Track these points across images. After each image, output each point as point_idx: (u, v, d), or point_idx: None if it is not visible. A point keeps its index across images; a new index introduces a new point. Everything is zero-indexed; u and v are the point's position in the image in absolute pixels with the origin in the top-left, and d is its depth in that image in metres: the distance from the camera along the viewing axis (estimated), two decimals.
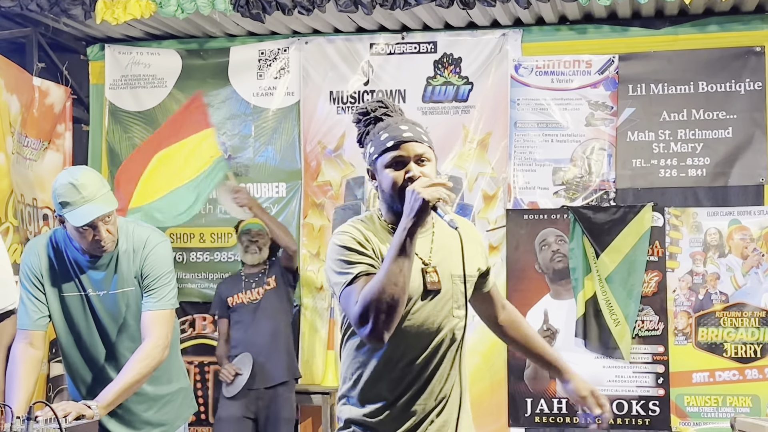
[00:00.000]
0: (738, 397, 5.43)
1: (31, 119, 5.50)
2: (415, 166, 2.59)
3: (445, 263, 2.70)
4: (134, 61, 6.15)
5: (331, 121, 5.95)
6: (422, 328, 2.66)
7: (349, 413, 2.76)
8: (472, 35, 5.83)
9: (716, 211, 5.54)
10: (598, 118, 5.69)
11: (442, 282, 2.66)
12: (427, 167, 2.61)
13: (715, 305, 5.49)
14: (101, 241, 3.40)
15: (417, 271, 2.62)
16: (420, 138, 2.62)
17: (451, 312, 2.69)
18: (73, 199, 3.33)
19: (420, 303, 2.65)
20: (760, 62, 5.54)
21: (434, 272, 2.65)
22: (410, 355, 2.66)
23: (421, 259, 2.65)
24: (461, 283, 2.71)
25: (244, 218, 5.57)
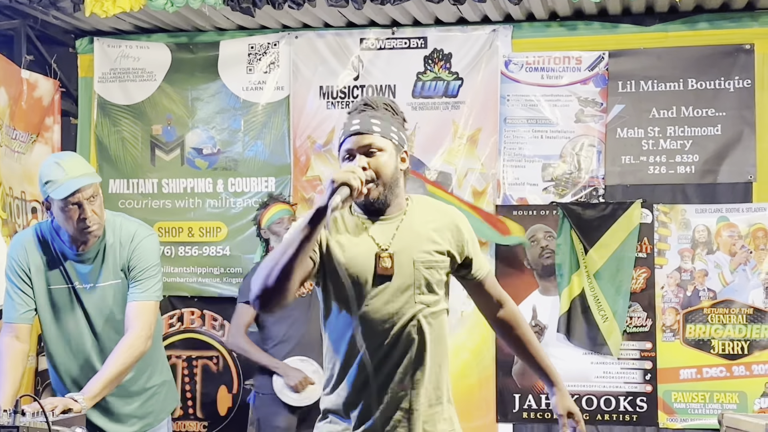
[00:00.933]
0: (725, 394, 5.45)
1: (19, 112, 5.48)
2: (360, 157, 2.67)
3: (408, 249, 2.73)
4: (123, 55, 6.13)
5: (321, 116, 5.95)
6: (381, 313, 2.70)
7: (326, 403, 2.81)
8: (462, 31, 5.83)
9: (705, 208, 5.55)
10: (588, 114, 5.70)
11: (400, 268, 2.70)
12: (379, 157, 2.69)
13: (702, 302, 5.51)
14: (87, 220, 3.40)
15: (371, 256, 2.70)
16: (369, 129, 2.70)
17: (413, 298, 2.71)
18: (57, 177, 3.36)
19: (375, 288, 2.70)
20: (749, 60, 5.55)
21: (388, 258, 2.70)
22: (373, 342, 2.70)
23: (377, 244, 2.71)
24: (425, 269, 2.72)
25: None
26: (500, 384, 5.64)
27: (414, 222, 2.78)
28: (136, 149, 6.14)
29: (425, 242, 2.77)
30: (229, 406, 6.00)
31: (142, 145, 6.14)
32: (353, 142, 2.71)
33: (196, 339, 6.06)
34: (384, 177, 2.70)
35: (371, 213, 2.78)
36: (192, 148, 6.10)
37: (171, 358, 5.96)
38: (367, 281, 2.70)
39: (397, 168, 2.76)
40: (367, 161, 2.67)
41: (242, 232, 5.99)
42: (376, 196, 2.70)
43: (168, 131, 6.14)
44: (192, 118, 6.11)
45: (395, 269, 2.70)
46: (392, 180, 2.73)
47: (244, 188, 6.02)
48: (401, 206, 2.81)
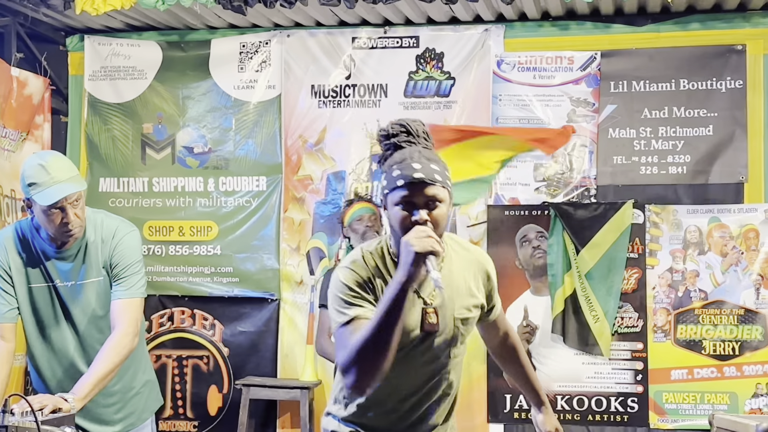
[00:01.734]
0: (716, 395, 5.46)
1: (9, 110, 5.46)
2: (422, 212, 2.47)
3: (449, 304, 2.63)
4: (114, 53, 6.12)
5: (313, 115, 5.94)
6: (419, 367, 2.63)
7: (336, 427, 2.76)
8: (454, 30, 5.83)
9: (696, 209, 5.56)
10: (580, 114, 5.70)
11: (442, 323, 2.61)
12: (438, 209, 2.49)
13: (694, 303, 5.52)
14: (69, 224, 3.38)
15: (418, 310, 2.57)
16: (432, 178, 2.48)
17: (449, 353, 2.68)
18: (42, 180, 3.33)
19: (420, 343, 2.60)
20: (741, 60, 5.56)
21: (433, 313, 2.58)
22: (404, 392, 2.65)
23: (422, 299, 2.59)
24: (462, 326, 2.68)
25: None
26: (491, 385, 5.64)
27: (452, 272, 2.66)
28: (127, 148, 6.13)
29: (465, 297, 2.69)
30: (219, 406, 5.98)
31: (133, 144, 6.13)
32: (415, 191, 2.48)
33: (186, 338, 6.04)
34: (440, 229, 2.51)
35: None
36: (183, 146, 6.09)
37: (161, 357, 5.95)
38: (413, 337, 2.58)
39: (448, 217, 2.68)
40: (428, 216, 2.47)
41: (233, 232, 5.98)
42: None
43: (159, 130, 6.12)
44: (183, 116, 6.09)
45: (440, 326, 2.60)
46: (444, 229, 2.56)
47: (235, 187, 6.00)
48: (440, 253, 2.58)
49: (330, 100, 5.93)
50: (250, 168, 6.00)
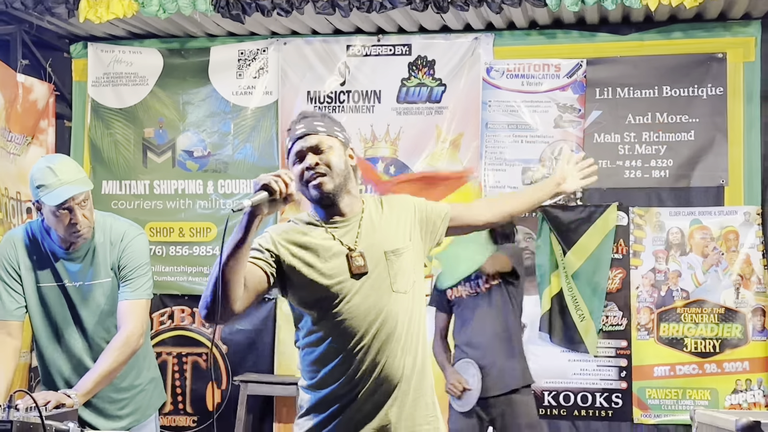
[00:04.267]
0: (697, 391, 5.48)
1: (14, 115, 5.47)
2: (310, 156, 2.70)
3: (376, 245, 2.73)
4: (116, 59, 6.12)
5: None
6: (361, 309, 2.67)
7: (308, 401, 2.78)
8: (445, 38, 5.84)
9: (678, 211, 5.58)
10: (566, 120, 5.72)
11: (371, 263, 2.69)
12: (326, 153, 2.71)
13: (676, 302, 5.53)
14: (77, 225, 3.39)
15: (343, 258, 2.68)
16: (314, 130, 2.74)
17: (390, 287, 2.71)
18: (50, 182, 3.34)
19: (353, 287, 2.67)
20: (721, 68, 5.58)
21: (359, 256, 2.69)
22: (355, 338, 2.67)
23: (346, 246, 2.70)
24: (395, 258, 2.73)
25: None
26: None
27: (372, 218, 2.79)
28: (129, 151, 6.13)
29: (393, 235, 2.77)
30: (218, 402, 5.98)
31: (135, 148, 6.13)
32: (301, 144, 2.73)
33: (186, 336, 6.05)
34: (336, 170, 2.70)
35: (329, 212, 2.77)
36: (183, 150, 6.10)
37: (162, 354, 5.95)
38: (343, 282, 2.67)
39: (347, 164, 2.77)
40: (317, 158, 2.69)
41: (232, 233, 5.96)
42: (331, 188, 2.69)
43: (160, 134, 6.13)
44: (183, 121, 6.10)
45: (369, 266, 2.69)
46: (344, 173, 2.74)
47: (234, 190, 6.01)
48: (358, 204, 2.80)
49: (325, 105, 5.93)
50: (248, 171, 6.01)
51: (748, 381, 5.43)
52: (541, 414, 5.53)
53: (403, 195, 3.00)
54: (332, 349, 2.70)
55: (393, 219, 2.82)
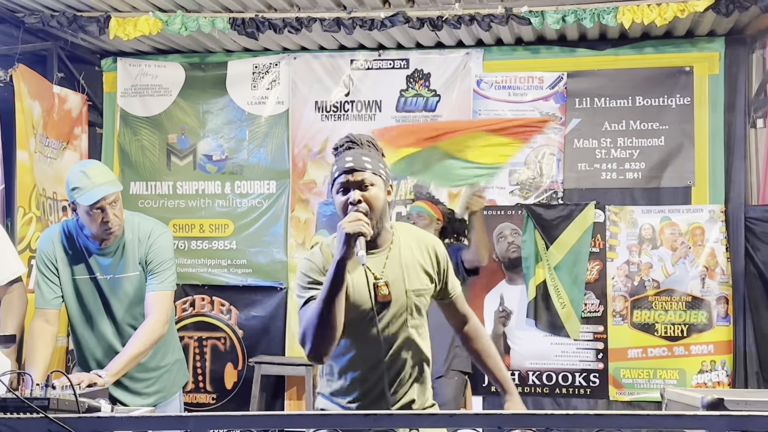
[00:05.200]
0: (667, 371, 5.48)
1: (51, 122, 5.47)
2: (355, 192, 2.59)
3: (399, 279, 2.68)
4: (143, 73, 6.12)
5: (316, 128, 5.95)
6: (381, 336, 2.65)
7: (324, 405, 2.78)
8: (440, 53, 5.84)
9: (650, 209, 5.58)
10: (549, 127, 5.71)
11: (394, 295, 2.65)
12: (370, 191, 2.61)
13: (648, 291, 5.54)
14: (109, 222, 3.40)
15: (370, 286, 2.63)
16: (362, 167, 2.62)
17: (405, 323, 2.69)
18: (84, 184, 3.36)
19: (377, 315, 2.64)
20: (689, 80, 5.59)
21: (385, 286, 2.65)
22: (371, 359, 2.67)
23: (373, 275, 2.65)
24: (416, 297, 2.71)
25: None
26: (471, 362, 5.65)
27: (401, 252, 2.73)
28: (154, 155, 6.14)
29: (415, 272, 2.72)
30: (234, 381, 5.99)
31: (159, 152, 6.14)
32: (347, 177, 2.62)
33: (206, 322, 6.05)
34: (376, 209, 2.61)
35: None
36: (203, 154, 6.10)
37: (184, 338, 5.96)
38: (368, 308, 2.64)
39: (385, 201, 2.69)
40: (361, 195, 2.59)
41: (247, 229, 5.99)
42: (369, 229, 2.57)
43: (182, 140, 6.13)
44: (203, 128, 6.10)
45: (391, 297, 2.65)
46: (382, 211, 2.66)
47: (249, 190, 6.02)
48: (388, 236, 2.74)
49: (331, 114, 5.94)
50: (262, 173, 6.01)
51: (713, 362, 5.44)
52: (526, 392, 5.56)
53: (437, 239, 2.91)
54: (353, 363, 2.69)
55: (419, 257, 2.75)
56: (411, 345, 2.71)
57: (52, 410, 2.13)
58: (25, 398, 2.12)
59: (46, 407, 2.12)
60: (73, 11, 5.29)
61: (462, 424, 2.01)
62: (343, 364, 2.69)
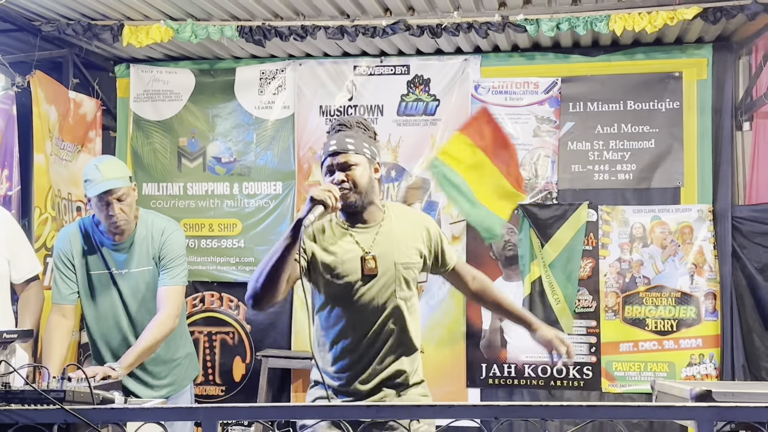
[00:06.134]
0: (657, 364, 5.48)
1: (67, 126, 5.47)
2: (338, 173, 2.69)
3: (388, 253, 2.72)
4: (155, 78, 6.12)
5: (321, 131, 5.95)
6: (369, 306, 2.69)
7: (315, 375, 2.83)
8: (439, 60, 5.84)
9: (641, 209, 5.58)
10: (544, 130, 5.71)
11: (381, 268, 2.69)
12: (353, 170, 2.70)
13: (639, 287, 5.53)
14: (114, 217, 3.41)
15: (357, 258, 2.69)
16: (344, 148, 2.70)
17: (394, 293, 2.72)
18: (94, 177, 3.39)
19: (364, 285, 2.69)
20: (678, 85, 5.58)
21: (372, 259, 2.70)
22: (361, 330, 2.70)
23: (362, 248, 2.70)
24: (404, 270, 2.73)
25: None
26: (470, 355, 5.65)
27: (392, 228, 2.77)
28: (165, 158, 6.14)
29: (402, 246, 2.76)
30: (243, 374, 5.99)
31: (171, 155, 6.14)
32: (331, 160, 2.71)
33: (215, 317, 6.05)
34: (360, 186, 2.70)
35: (353, 219, 2.77)
36: (212, 157, 6.10)
37: (194, 333, 5.96)
38: (356, 280, 2.69)
39: (372, 177, 2.75)
40: (345, 174, 2.68)
41: (254, 228, 5.99)
42: (354, 200, 2.70)
43: (192, 143, 6.13)
44: (212, 131, 6.10)
45: (379, 270, 2.70)
46: (368, 187, 2.73)
47: (256, 191, 6.02)
48: (379, 213, 2.79)
49: (335, 118, 5.93)
50: (269, 175, 6.01)
51: (701, 355, 5.44)
52: (522, 384, 5.56)
53: (429, 217, 2.97)
54: (344, 332, 2.71)
55: (410, 233, 2.80)
56: (399, 316, 2.74)
57: (68, 402, 2.13)
58: (42, 390, 2.12)
59: (62, 399, 2.13)
60: (87, 20, 5.29)
61: (460, 414, 2.01)
62: (335, 334, 2.74)
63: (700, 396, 2.79)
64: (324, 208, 2.56)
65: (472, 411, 2.03)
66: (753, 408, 1.95)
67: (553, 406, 1.96)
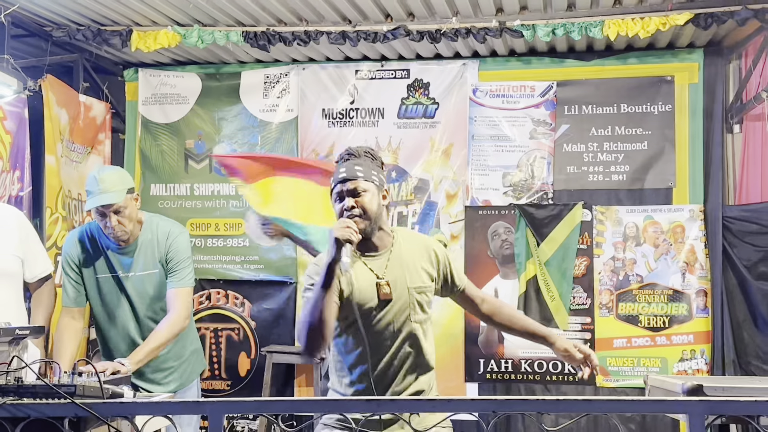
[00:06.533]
0: (650, 359, 5.48)
1: (77, 129, 5.47)
2: (348, 199, 2.66)
3: (401, 278, 2.70)
4: (162, 82, 6.12)
5: (323, 133, 5.95)
6: (386, 331, 2.67)
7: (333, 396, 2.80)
8: (438, 64, 5.84)
9: (634, 209, 5.58)
10: (540, 132, 5.71)
11: (396, 293, 2.68)
12: (362, 197, 2.68)
13: (632, 285, 5.53)
14: (109, 228, 3.42)
15: (373, 284, 2.67)
16: (354, 176, 2.69)
17: (409, 317, 2.70)
18: (92, 189, 3.40)
19: (380, 311, 2.67)
20: (670, 89, 5.58)
21: (387, 285, 2.68)
22: (378, 354, 2.69)
23: (375, 275, 2.68)
24: (417, 294, 2.72)
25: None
26: (468, 351, 5.65)
27: (401, 253, 2.75)
28: (173, 159, 6.14)
29: (413, 271, 2.74)
30: (248, 369, 6.00)
31: (178, 156, 6.14)
32: (341, 187, 2.69)
33: (221, 314, 6.05)
34: (369, 213, 2.67)
35: (363, 245, 2.72)
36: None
37: (201, 329, 5.96)
38: (373, 306, 2.67)
39: (380, 204, 2.73)
40: (355, 201, 2.66)
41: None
42: (363, 228, 2.66)
43: (199, 145, 6.13)
44: (218, 134, 6.10)
45: (393, 295, 2.68)
46: (377, 214, 2.71)
47: None
48: (388, 239, 2.77)
49: (337, 121, 5.93)
50: None
51: (693, 351, 5.43)
52: (518, 379, 5.56)
53: (435, 241, 2.94)
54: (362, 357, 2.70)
55: (418, 257, 2.78)
56: (415, 339, 2.72)
57: (78, 396, 2.13)
58: (53, 385, 2.12)
59: (73, 393, 2.13)
60: (97, 26, 5.29)
61: (459, 408, 2.01)
62: (353, 359, 2.71)
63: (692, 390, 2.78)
64: (351, 245, 2.53)
65: (471, 405, 2.03)
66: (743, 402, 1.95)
67: (549, 400, 1.96)
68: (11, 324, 2.70)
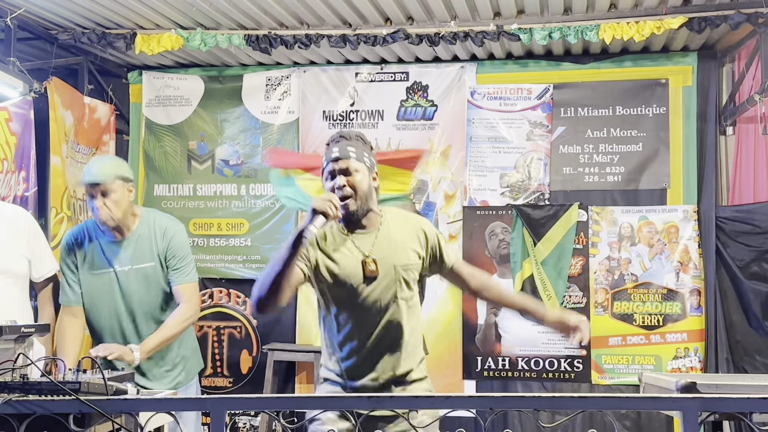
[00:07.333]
0: (644, 357, 5.48)
1: (82, 130, 5.47)
2: (340, 177, 2.68)
3: (388, 256, 2.72)
4: (166, 85, 6.12)
5: (324, 135, 5.93)
6: (372, 308, 2.69)
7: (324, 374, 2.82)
8: (437, 67, 5.84)
9: (629, 210, 5.58)
10: (537, 134, 5.71)
11: (382, 270, 2.69)
12: (354, 176, 2.70)
13: (627, 284, 5.53)
14: (96, 210, 3.43)
15: (359, 262, 2.69)
16: (346, 155, 2.70)
17: (395, 294, 2.71)
18: (88, 167, 3.48)
19: (366, 287, 2.68)
20: (664, 91, 5.58)
21: (372, 262, 2.69)
22: (365, 331, 2.70)
23: (361, 252, 2.70)
24: (403, 271, 2.73)
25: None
26: (466, 349, 5.65)
27: (390, 232, 2.77)
28: (176, 160, 6.14)
29: (401, 249, 2.75)
30: (249, 366, 5.99)
31: (181, 157, 6.14)
32: (333, 166, 2.71)
33: (223, 312, 6.05)
34: (360, 192, 2.70)
35: (352, 225, 2.76)
36: (221, 159, 6.10)
37: (203, 327, 5.97)
38: (359, 283, 2.68)
39: (371, 185, 2.75)
40: (346, 179, 2.68)
41: (261, 227, 5.99)
42: (354, 209, 2.69)
43: (201, 146, 6.13)
44: (221, 135, 6.10)
45: (379, 272, 2.69)
46: (367, 193, 2.73)
47: (263, 192, 6.01)
48: (377, 219, 2.79)
49: (338, 122, 5.93)
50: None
51: (686, 349, 5.44)
52: (515, 376, 5.56)
53: (425, 219, 2.98)
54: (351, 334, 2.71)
55: (407, 236, 2.79)
56: (401, 316, 2.73)
57: (83, 393, 2.13)
58: (58, 382, 2.12)
59: (77, 390, 2.13)
60: (102, 29, 5.29)
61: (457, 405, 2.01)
62: (342, 336, 2.73)
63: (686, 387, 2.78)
64: (325, 218, 2.55)
65: (469, 402, 2.03)
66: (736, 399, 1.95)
67: (545, 397, 1.96)
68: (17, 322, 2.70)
